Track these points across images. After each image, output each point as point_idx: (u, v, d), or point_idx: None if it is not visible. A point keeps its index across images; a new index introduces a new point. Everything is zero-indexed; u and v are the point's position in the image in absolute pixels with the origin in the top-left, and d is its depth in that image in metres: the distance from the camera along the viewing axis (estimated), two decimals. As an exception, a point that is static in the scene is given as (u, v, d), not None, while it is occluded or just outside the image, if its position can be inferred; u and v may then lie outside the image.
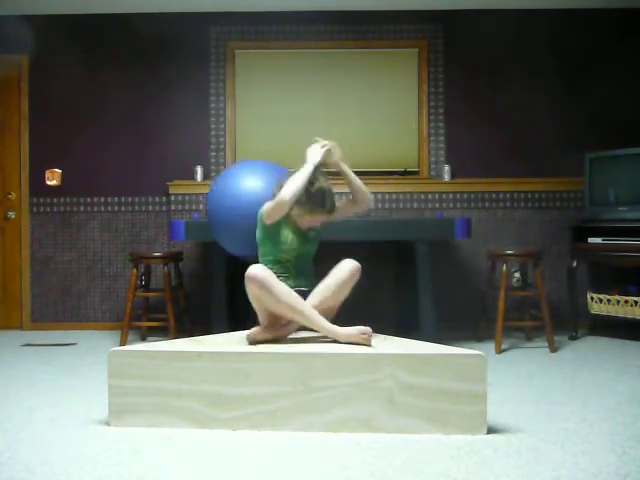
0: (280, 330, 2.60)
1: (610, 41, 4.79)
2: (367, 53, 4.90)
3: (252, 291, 2.52)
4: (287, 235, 2.82)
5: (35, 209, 4.88)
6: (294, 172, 2.81)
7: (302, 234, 2.85)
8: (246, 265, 2.55)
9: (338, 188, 3.07)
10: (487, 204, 4.75)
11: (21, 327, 4.87)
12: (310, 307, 2.58)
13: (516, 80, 4.79)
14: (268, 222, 2.78)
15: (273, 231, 2.82)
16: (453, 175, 4.77)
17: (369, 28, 4.84)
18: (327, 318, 2.61)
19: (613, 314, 4.19)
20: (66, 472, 1.93)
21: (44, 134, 4.87)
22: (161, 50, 4.85)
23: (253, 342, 2.52)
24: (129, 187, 4.86)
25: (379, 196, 4.71)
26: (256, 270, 2.50)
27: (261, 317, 2.62)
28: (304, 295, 2.80)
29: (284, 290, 2.52)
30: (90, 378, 3.20)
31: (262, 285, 2.47)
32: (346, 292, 2.70)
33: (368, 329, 2.46)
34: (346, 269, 2.69)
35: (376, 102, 4.87)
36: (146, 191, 4.85)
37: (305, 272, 2.86)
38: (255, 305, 2.60)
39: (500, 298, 3.91)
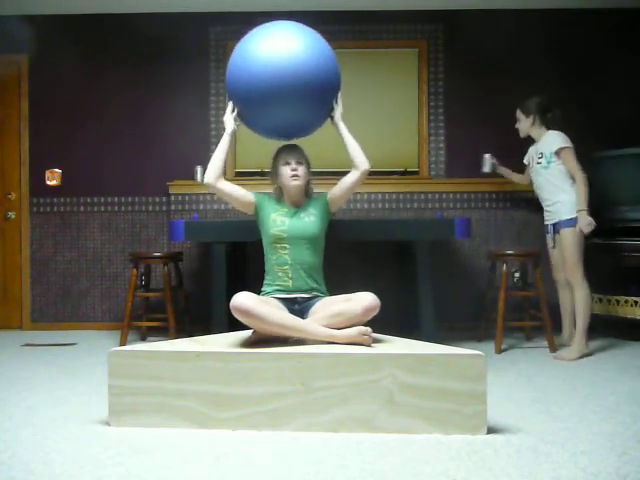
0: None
1: (611, 41, 4.79)
2: (367, 53, 4.90)
3: (240, 320, 2.48)
4: (275, 219, 2.90)
5: (35, 209, 4.88)
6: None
7: (294, 212, 2.91)
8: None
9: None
10: (487, 204, 4.75)
11: (21, 327, 4.88)
12: (300, 321, 2.56)
13: (516, 80, 4.78)
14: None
15: (260, 218, 2.97)
16: (453, 175, 4.77)
17: (369, 28, 4.85)
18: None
19: (613, 314, 4.19)
20: (66, 472, 1.93)
21: (44, 134, 4.87)
22: (161, 50, 4.85)
23: (253, 342, 2.52)
24: (129, 187, 4.86)
25: (379, 196, 4.71)
26: (240, 300, 2.45)
27: None
28: (306, 303, 2.80)
29: (271, 313, 2.48)
30: (90, 378, 3.19)
31: (248, 314, 2.44)
32: (356, 325, 2.52)
33: (368, 329, 2.46)
34: (361, 305, 2.53)
35: (376, 102, 4.87)
36: (146, 191, 4.85)
37: (306, 271, 2.83)
38: None
39: (500, 298, 3.91)
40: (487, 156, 4.26)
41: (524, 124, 3.93)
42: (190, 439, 2.23)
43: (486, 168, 4.28)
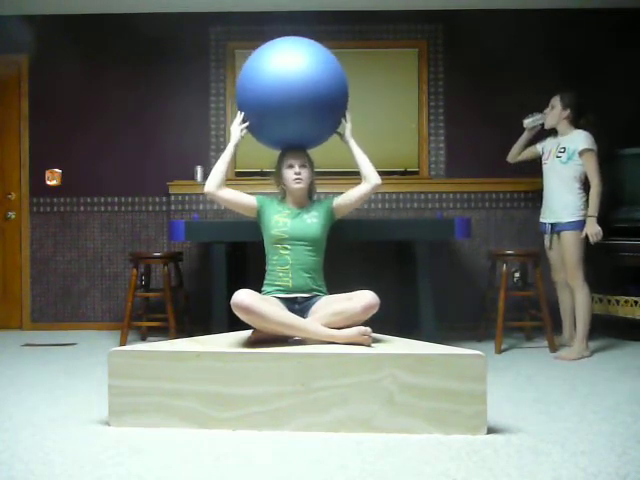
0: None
1: (611, 41, 4.79)
2: (367, 53, 4.90)
3: (241, 317, 2.48)
4: (278, 220, 2.89)
5: (35, 209, 4.88)
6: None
7: (296, 214, 2.91)
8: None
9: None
10: (487, 204, 4.75)
11: (21, 327, 4.87)
12: (301, 320, 2.56)
13: (516, 80, 4.78)
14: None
15: (262, 220, 2.96)
16: (453, 175, 4.78)
17: (369, 28, 4.84)
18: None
19: (613, 314, 4.19)
20: (66, 472, 1.93)
21: (44, 134, 4.87)
22: (161, 50, 4.85)
23: (253, 342, 2.52)
24: (129, 187, 4.86)
25: (379, 196, 4.71)
26: (242, 297, 2.45)
27: None
28: (306, 302, 2.81)
29: (272, 311, 2.49)
30: (90, 378, 3.19)
31: (249, 311, 2.44)
32: (357, 323, 2.53)
33: (368, 329, 2.46)
34: (361, 304, 2.53)
35: (376, 102, 4.87)
36: (146, 191, 4.85)
37: (307, 272, 2.84)
38: None
39: (500, 298, 3.91)
40: (540, 115, 3.93)
41: (558, 114, 3.80)
42: (190, 439, 2.23)
43: (529, 122, 3.96)
